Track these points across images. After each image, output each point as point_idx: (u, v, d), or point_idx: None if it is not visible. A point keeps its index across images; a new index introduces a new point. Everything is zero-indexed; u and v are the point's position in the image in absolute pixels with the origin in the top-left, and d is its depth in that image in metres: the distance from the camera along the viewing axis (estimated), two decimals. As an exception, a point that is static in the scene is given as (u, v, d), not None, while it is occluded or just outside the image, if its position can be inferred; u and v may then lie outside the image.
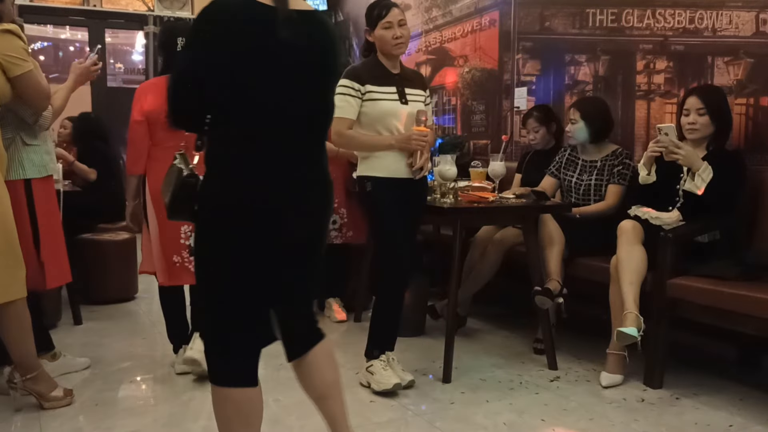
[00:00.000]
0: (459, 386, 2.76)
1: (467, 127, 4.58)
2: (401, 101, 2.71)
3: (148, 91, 2.77)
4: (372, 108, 2.69)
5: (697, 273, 2.64)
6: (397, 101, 2.70)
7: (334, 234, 3.68)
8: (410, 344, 3.32)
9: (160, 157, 2.67)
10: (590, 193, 3.24)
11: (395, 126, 2.70)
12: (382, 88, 2.69)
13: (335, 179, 3.50)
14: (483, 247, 3.40)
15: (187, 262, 2.77)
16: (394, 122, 2.70)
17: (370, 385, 2.69)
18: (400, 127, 2.71)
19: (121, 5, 6.76)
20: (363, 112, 2.71)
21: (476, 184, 3.17)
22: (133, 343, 3.30)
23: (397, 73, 2.75)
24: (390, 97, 2.70)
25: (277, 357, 3.07)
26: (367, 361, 2.77)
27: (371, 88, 2.68)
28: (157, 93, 2.68)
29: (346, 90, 2.68)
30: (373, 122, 2.71)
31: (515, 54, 4.17)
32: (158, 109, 2.60)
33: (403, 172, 2.71)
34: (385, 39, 2.70)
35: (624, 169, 3.18)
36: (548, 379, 2.84)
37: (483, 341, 3.37)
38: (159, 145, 2.74)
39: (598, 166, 3.24)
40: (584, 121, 3.21)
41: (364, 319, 3.73)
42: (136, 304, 4.12)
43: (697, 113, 2.81)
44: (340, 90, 2.65)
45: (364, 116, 2.71)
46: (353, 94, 2.68)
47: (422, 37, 5.02)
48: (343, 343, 3.37)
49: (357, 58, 5.94)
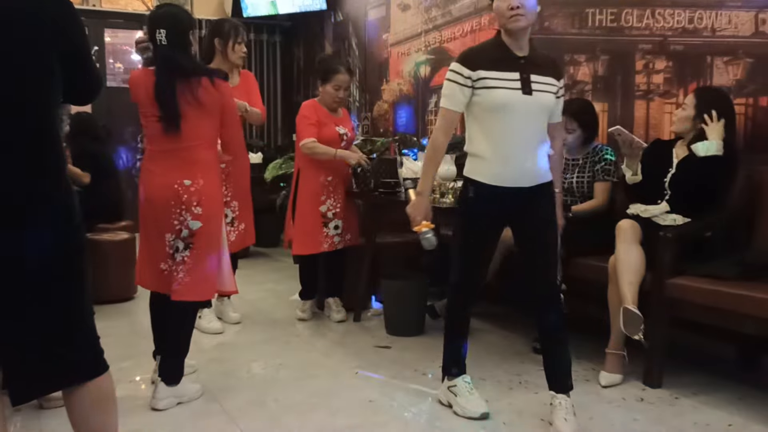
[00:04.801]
0: (458, 386, 2.75)
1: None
2: (524, 90, 2.23)
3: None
4: (485, 97, 2.24)
5: (696, 272, 2.64)
6: (518, 90, 2.23)
7: (338, 240, 3.66)
8: (410, 344, 3.32)
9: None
10: (573, 191, 3.25)
11: (511, 121, 2.24)
12: (499, 74, 2.23)
13: (335, 184, 3.61)
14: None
15: (174, 270, 2.55)
16: (511, 116, 2.24)
17: (451, 406, 2.51)
18: (511, 123, 2.24)
19: (120, 5, 6.75)
20: (475, 102, 2.27)
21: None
22: (133, 343, 3.31)
23: (522, 56, 2.26)
24: (509, 85, 2.22)
25: (277, 357, 3.10)
26: (447, 378, 2.54)
27: (485, 74, 2.23)
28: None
29: (453, 76, 2.27)
30: (487, 115, 2.26)
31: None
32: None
33: (509, 179, 2.30)
34: (499, 11, 2.22)
35: (606, 165, 3.20)
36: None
37: (482, 341, 3.37)
38: None
39: (579, 164, 3.26)
40: (582, 129, 3.22)
41: (364, 319, 3.74)
42: (136, 304, 4.13)
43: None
44: (448, 75, 2.28)
45: (476, 107, 2.28)
46: (461, 81, 2.25)
47: (422, 37, 5.03)
48: (342, 343, 3.37)
49: (357, 58, 5.94)
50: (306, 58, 7.00)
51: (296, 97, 7.10)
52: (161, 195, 2.51)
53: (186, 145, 2.52)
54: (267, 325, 3.68)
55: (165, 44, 2.48)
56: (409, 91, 5.24)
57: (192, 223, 2.51)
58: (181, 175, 2.50)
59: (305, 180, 3.64)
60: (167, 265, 2.58)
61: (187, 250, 2.53)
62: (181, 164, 2.51)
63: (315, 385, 2.78)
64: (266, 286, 4.62)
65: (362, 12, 5.83)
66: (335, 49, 6.30)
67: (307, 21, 6.65)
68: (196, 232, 2.52)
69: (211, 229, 2.56)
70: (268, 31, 7.19)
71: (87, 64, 1.67)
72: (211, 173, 2.58)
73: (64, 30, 1.57)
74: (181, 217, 2.51)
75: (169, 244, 2.55)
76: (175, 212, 2.51)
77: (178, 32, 2.51)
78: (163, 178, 2.51)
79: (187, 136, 2.51)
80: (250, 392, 2.70)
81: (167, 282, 2.58)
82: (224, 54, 3.47)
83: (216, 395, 2.67)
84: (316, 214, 3.61)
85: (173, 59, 2.49)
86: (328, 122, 3.60)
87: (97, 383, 1.66)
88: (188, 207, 2.50)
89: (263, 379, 2.86)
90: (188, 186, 2.50)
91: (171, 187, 2.49)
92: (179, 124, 2.48)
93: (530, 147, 2.28)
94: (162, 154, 2.54)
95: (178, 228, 2.52)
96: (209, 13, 6.92)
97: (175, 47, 2.49)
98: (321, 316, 3.85)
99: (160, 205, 2.52)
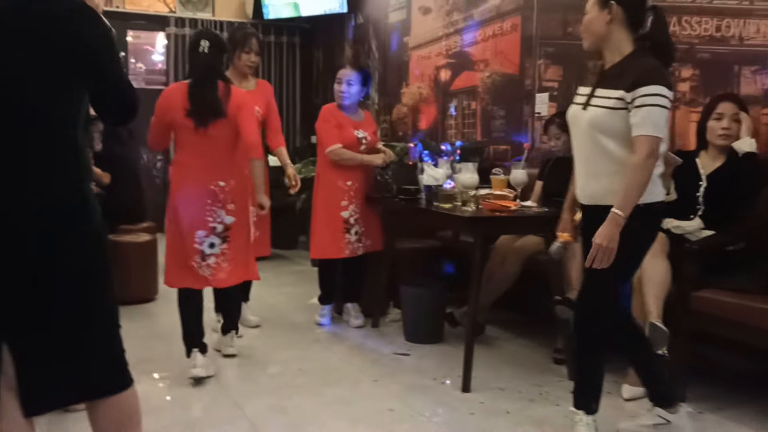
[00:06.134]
0: (478, 396, 2.75)
1: (487, 132, 4.56)
2: (583, 106, 2.18)
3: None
4: None
5: (721, 285, 2.61)
6: (580, 105, 2.21)
7: (357, 245, 3.67)
8: (429, 351, 3.31)
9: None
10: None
11: (574, 137, 2.25)
12: (583, 89, 2.25)
13: (356, 189, 3.61)
14: (503, 255, 3.38)
15: (204, 268, 2.90)
16: (573, 132, 2.25)
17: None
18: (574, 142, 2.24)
19: (143, 6, 6.80)
20: None
21: (497, 192, 3.16)
22: (153, 345, 3.33)
23: (605, 69, 2.21)
24: (578, 100, 2.24)
25: (296, 362, 3.10)
26: (576, 407, 2.34)
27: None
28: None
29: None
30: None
31: (537, 59, 4.15)
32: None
33: (578, 194, 2.29)
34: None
35: None
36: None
37: (501, 349, 3.36)
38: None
39: None
40: None
41: (382, 325, 3.73)
42: (157, 305, 4.15)
43: (731, 119, 2.80)
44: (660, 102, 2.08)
45: None
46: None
47: (442, 41, 5.01)
48: (361, 349, 3.37)
49: (376, 60, 5.94)
50: (325, 60, 7.00)
51: (315, 99, 7.12)
52: (197, 195, 2.85)
53: (217, 148, 2.87)
54: (286, 329, 3.69)
55: (206, 53, 2.89)
56: (429, 95, 5.23)
57: (227, 218, 2.90)
58: (216, 177, 2.87)
59: (325, 184, 3.66)
60: (196, 261, 2.87)
61: (225, 243, 2.91)
62: (215, 166, 2.87)
63: (335, 392, 2.78)
64: (284, 289, 4.63)
65: (383, 14, 5.82)
66: (354, 52, 6.30)
67: (327, 23, 6.65)
68: (231, 226, 2.91)
69: (243, 220, 2.97)
70: (287, 33, 7.20)
71: (111, 76, 1.56)
72: (242, 173, 2.96)
73: (80, 38, 1.48)
74: (215, 215, 2.87)
75: (199, 241, 2.86)
76: (210, 210, 2.87)
77: (219, 48, 2.97)
78: (198, 180, 2.86)
79: (218, 138, 2.86)
80: (270, 398, 2.71)
81: (197, 277, 2.90)
82: (232, 62, 3.50)
83: (237, 400, 2.68)
84: (338, 220, 3.62)
85: (213, 65, 2.91)
86: (346, 125, 3.62)
87: (121, 398, 1.62)
88: (224, 205, 2.89)
89: (283, 384, 2.87)
90: (223, 186, 2.88)
91: (207, 187, 2.86)
92: (214, 118, 2.83)
93: (583, 164, 2.23)
94: (195, 159, 2.87)
95: (212, 226, 2.87)
96: (230, 15, 6.95)
97: (215, 57, 2.92)
98: (339, 320, 3.85)
99: (194, 204, 2.85)
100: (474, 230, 2.94)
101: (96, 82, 1.56)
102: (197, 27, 6.80)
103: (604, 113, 2.12)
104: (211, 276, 2.91)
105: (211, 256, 2.89)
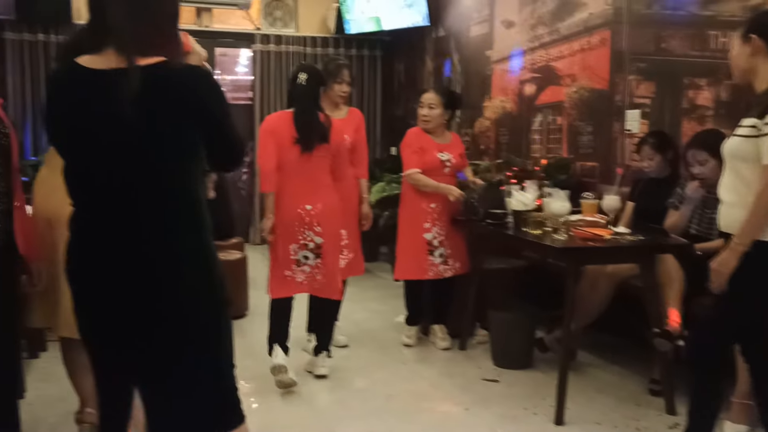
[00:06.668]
0: (572, 429, 2.71)
1: (574, 149, 4.47)
2: (731, 135, 2.18)
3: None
4: None
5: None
6: (732, 137, 2.18)
7: (443, 268, 3.69)
8: (517, 378, 3.29)
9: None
10: (713, 226, 3.08)
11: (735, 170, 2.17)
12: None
13: (440, 211, 3.64)
14: (594, 279, 3.30)
15: (298, 274, 3.16)
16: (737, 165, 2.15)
17: None
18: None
19: (230, 24, 7.05)
20: None
21: (589, 219, 3.10)
22: (246, 365, 3.43)
23: (756, 96, 2.18)
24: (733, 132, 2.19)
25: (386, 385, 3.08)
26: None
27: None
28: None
29: None
30: None
31: (628, 75, 4.03)
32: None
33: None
34: None
35: None
36: (667, 425, 2.73)
37: (594, 378, 3.29)
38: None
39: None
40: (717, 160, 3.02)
41: (469, 347, 3.73)
42: (249, 322, 4.28)
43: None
44: None
45: None
46: None
47: (526, 55, 4.95)
48: (449, 374, 3.38)
49: (458, 73, 5.92)
50: (406, 73, 7.04)
51: (396, 111, 7.17)
52: (289, 216, 3.12)
53: (314, 171, 3.13)
54: (374, 350, 3.75)
55: (305, 85, 3.16)
56: (512, 109, 5.17)
57: (316, 239, 3.14)
58: (304, 200, 3.12)
59: (409, 206, 3.71)
60: (291, 271, 3.15)
61: (318, 258, 3.15)
62: (307, 189, 3.13)
63: (425, 420, 2.81)
64: (370, 305, 4.70)
65: (464, 27, 5.80)
66: (436, 65, 6.31)
67: (408, 36, 6.68)
68: (321, 245, 3.15)
69: (333, 241, 3.20)
70: (368, 47, 7.29)
71: (226, 131, 1.66)
72: (331, 196, 3.19)
73: (206, 105, 1.58)
74: (304, 235, 3.13)
75: (294, 253, 3.13)
76: (299, 230, 3.12)
77: (316, 80, 3.24)
78: (289, 203, 3.13)
79: (317, 162, 3.14)
80: (363, 424, 2.77)
81: (294, 284, 3.16)
82: (325, 92, 3.57)
83: (333, 427, 2.75)
84: (421, 241, 3.65)
85: (312, 96, 3.19)
86: (429, 149, 3.66)
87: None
88: (311, 227, 3.13)
89: (375, 409, 2.92)
90: (309, 210, 3.12)
91: (295, 210, 3.12)
92: (320, 143, 3.12)
93: (723, 191, 2.22)
94: (291, 180, 3.12)
95: (303, 243, 3.13)
96: (313, 31, 7.09)
97: (312, 89, 3.18)
98: (426, 342, 3.87)
99: (287, 225, 3.13)
100: (566, 260, 2.89)
101: (214, 139, 1.65)
102: (281, 43, 6.99)
103: (739, 141, 2.12)
104: (305, 281, 3.16)
105: (306, 266, 3.15)
